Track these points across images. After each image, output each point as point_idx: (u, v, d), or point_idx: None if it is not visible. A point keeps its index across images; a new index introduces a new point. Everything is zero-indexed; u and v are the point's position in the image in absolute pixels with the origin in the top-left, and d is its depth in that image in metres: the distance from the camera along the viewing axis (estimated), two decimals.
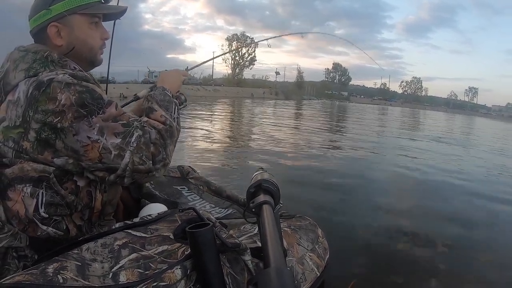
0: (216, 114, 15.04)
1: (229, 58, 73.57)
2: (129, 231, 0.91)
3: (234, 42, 71.53)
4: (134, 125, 0.98)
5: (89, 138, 0.92)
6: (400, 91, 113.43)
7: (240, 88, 59.38)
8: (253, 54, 75.33)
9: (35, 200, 0.94)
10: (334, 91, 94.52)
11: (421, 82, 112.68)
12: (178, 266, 0.80)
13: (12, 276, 0.71)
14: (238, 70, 75.08)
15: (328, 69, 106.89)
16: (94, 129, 0.93)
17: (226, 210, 1.65)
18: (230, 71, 74.75)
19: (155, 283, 0.76)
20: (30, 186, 0.93)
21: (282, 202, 0.83)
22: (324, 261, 1.43)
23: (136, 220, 0.98)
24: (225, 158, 5.29)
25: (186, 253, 0.84)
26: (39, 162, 0.94)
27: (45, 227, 0.96)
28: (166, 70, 1.42)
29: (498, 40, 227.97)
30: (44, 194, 0.94)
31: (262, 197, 0.78)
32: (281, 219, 1.19)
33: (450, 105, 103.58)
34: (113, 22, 1.37)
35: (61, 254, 0.79)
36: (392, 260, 2.24)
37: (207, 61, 2.06)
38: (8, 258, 0.93)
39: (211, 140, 6.97)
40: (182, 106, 1.35)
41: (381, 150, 7.52)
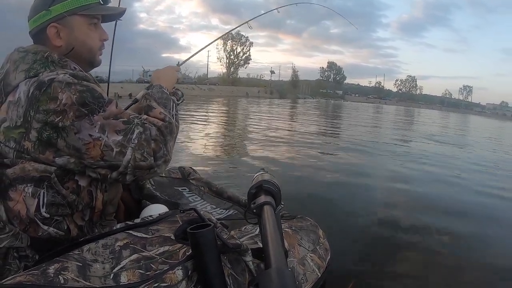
0: (211, 114, 14.99)
1: (224, 57, 73.52)
2: (130, 232, 0.91)
3: (229, 41, 71.46)
4: (135, 122, 0.99)
5: (90, 136, 0.92)
6: (395, 90, 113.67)
7: (235, 87, 59.17)
8: (248, 53, 75.33)
9: (37, 200, 0.94)
10: (329, 90, 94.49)
11: (415, 81, 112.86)
12: (179, 267, 0.81)
13: (13, 276, 0.71)
14: (233, 69, 74.87)
15: (323, 68, 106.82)
16: (95, 127, 0.93)
17: (227, 211, 1.64)
18: (225, 70, 74.61)
19: (156, 284, 0.76)
20: (32, 186, 0.93)
21: (283, 203, 0.83)
22: (325, 262, 1.44)
23: (137, 220, 0.98)
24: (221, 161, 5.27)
25: (187, 253, 0.84)
26: (41, 162, 0.94)
27: (46, 227, 0.96)
28: (159, 68, 1.42)
29: (493, 38, 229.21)
30: (45, 194, 0.94)
31: (263, 198, 0.79)
32: (282, 220, 1.20)
33: (445, 103, 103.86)
34: (109, 23, 1.37)
35: (62, 255, 0.79)
36: (392, 260, 2.25)
37: (198, 52, 2.02)
38: (9, 258, 0.93)
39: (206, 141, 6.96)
40: (180, 101, 1.37)
41: (380, 149, 7.52)
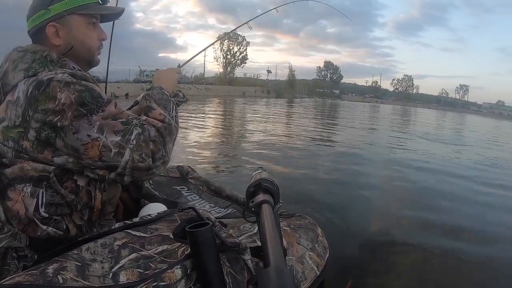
0: (208, 114, 14.96)
1: (220, 56, 73.49)
2: (128, 231, 0.91)
3: (226, 41, 71.43)
4: (134, 123, 0.98)
5: (89, 136, 0.92)
6: (391, 89, 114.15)
7: (231, 86, 59.14)
8: (244, 52, 75.38)
9: (35, 199, 0.93)
10: (325, 89, 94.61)
11: (412, 80, 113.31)
12: (178, 266, 0.80)
13: (12, 276, 0.71)
14: (229, 68, 74.90)
15: (319, 67, 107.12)
16: (94, 127, 0.93)
17: (226, 209, 1.64)
18: (221, 70, 74.61)
19: (155, 283, 0.76)
20: (30, 186, 0.93)
21: (281, 201, 0.83)
22: (324, 260, 1.43)
23: (135, 220, 0.97)
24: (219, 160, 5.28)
25: (186, 252, 0.83)
26: (39, 162, 0.93)
27: (45, 227, 0.95)
28: (157, 69, 1.42)
29: (490, 38, 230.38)
30: (44, 194, 0.94)
31: (261, 196, 0.79)
32: (280, 218, 1.20)
33: (441, 102, 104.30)
34: (106, 23, 1.37)
35: (61, 255, 0.79)
36: (391, 260, 2.26)
37: (199, 52, 2.03)
38: (7, 258, 0.93)
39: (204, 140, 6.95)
40: (184, 100, 1.39)
41: (380, 149, 7.55)
